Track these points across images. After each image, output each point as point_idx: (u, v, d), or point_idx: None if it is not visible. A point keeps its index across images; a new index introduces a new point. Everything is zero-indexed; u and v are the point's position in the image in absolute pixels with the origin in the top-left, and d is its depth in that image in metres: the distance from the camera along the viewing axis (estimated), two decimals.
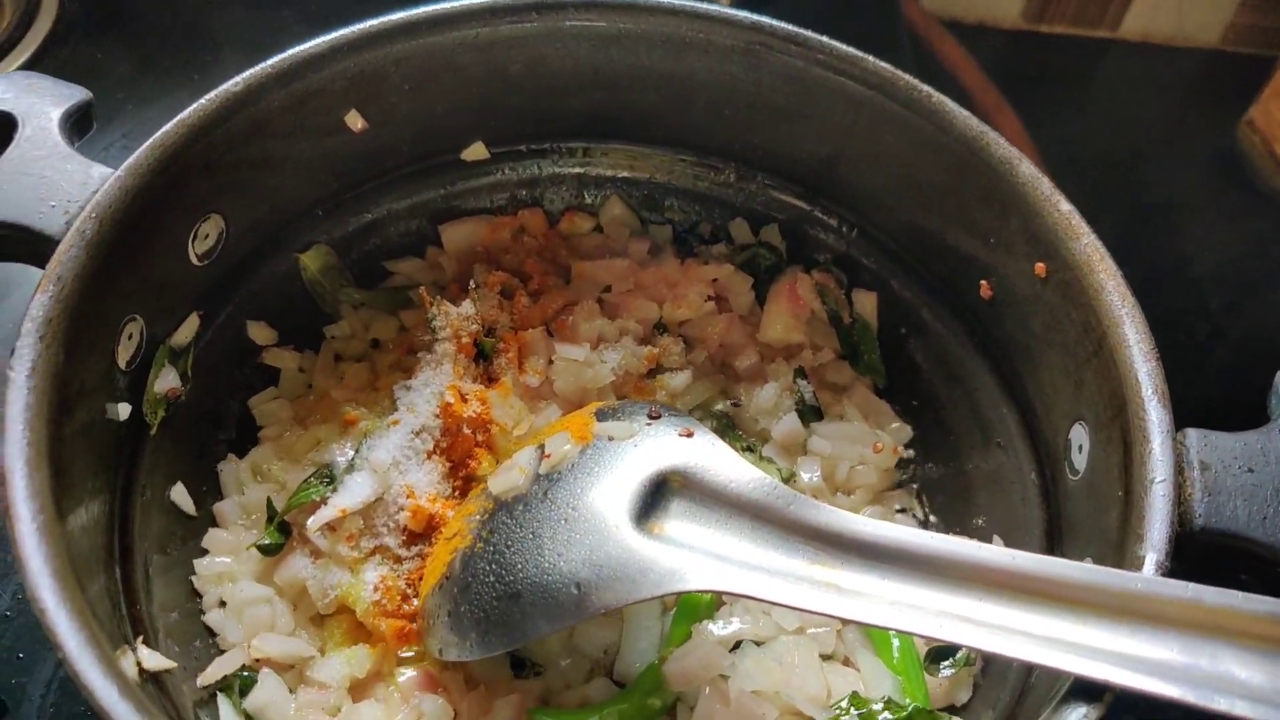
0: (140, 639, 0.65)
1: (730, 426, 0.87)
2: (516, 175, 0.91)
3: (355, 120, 0.80)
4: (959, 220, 0.79)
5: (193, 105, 0.70)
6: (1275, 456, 0.60)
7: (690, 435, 0.66)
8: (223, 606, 0.74)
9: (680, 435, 0.66)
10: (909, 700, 0.69)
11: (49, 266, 0.62)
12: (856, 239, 0.88)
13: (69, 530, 0.59)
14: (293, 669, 0.72)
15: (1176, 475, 0.59)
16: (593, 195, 0.93)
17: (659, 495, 0.64)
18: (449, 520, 0.73)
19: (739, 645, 0.73)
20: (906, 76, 0.77)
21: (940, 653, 0.73)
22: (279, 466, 0.79)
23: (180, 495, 0.75)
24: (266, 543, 0.74)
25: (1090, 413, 0.67)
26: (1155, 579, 0.55)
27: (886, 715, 0.66)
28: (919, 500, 0.86)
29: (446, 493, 0.75)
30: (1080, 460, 0.68)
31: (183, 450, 0.76)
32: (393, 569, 0.73)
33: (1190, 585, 0.53)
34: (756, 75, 0.81)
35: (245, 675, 0.70)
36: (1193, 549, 0.59)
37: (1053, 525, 0.72)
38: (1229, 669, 0.50)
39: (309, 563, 0.73)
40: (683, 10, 0.79)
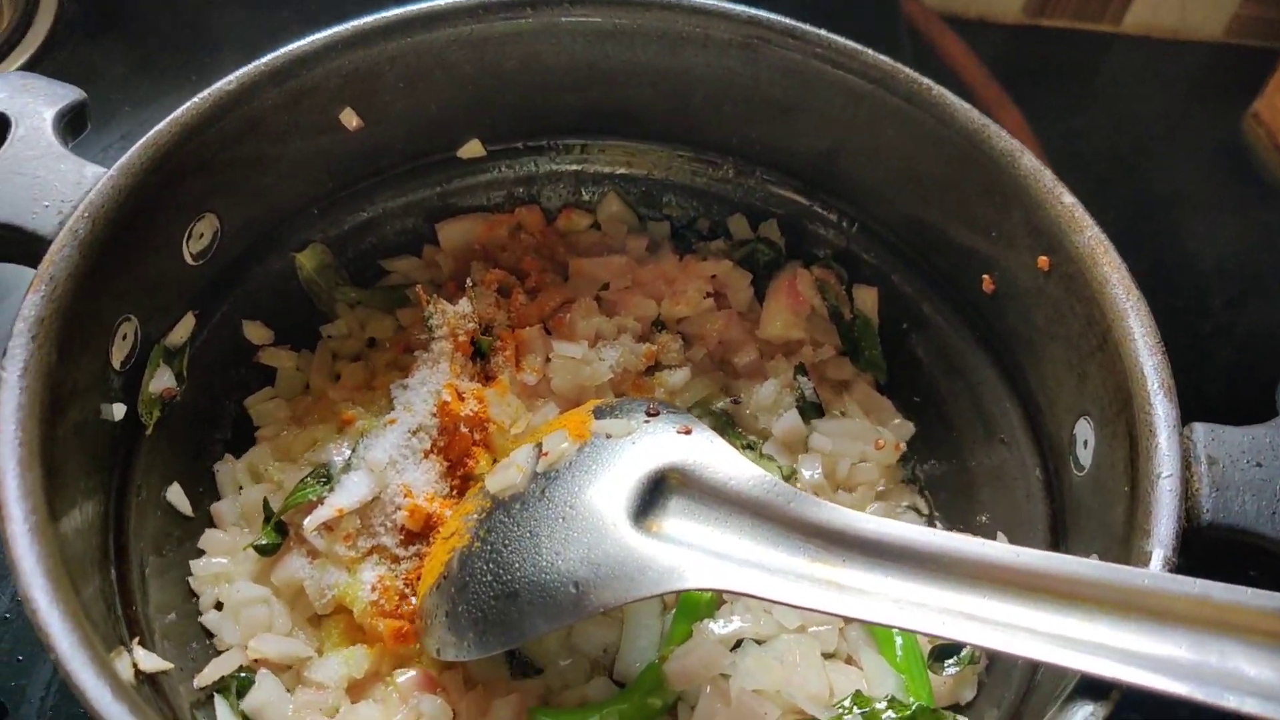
0: (136, 640, 0.65)
1: (730, 424, 0.86)
2: (513, 173, 0.91)
3: (350, 118, 0.79)
4: (960, 214, 0.78)
5: (186, 104, 0.70)
6: None
7: (689, 432, 0.65)
8: (220, 608, 0.73)
9: (678, 432, 0.65)
10: (913, 699, 0.68)
11: (41, 266, 0.62)
12: (857, 234, 0.87)
13: (63, 531, 0.59)
14: (290, 670, 0.71)
15: (1183, 470, 0.58)
16: (590, 192, 0.93)
17: (657, 493, 0.63)
18: (447, 519, 0.72)
19: (740, 644, 0.73)
20: (906, 70, 0.76)
21: (944, 651, 0.72)
22: (276, 466, 0.79)
23: (176, 496, 0.75)
24: (263, 543, 0.74)
25: (1095, 407, 0.66)
26: (1162, 575, 0.54)
27: (890, 714, 0.66)
28: (922, 497, 0.85)
29: (444, 492, 0.75)
30: (1085, 456, 0.67)
31: (178, 450, 0.76)
32: (390, 569, 0.72)
33: (1198, 581, 0.52)
34: (754, 69, 0.80)
35: (243, 676, 0.70)
36: (1200, 545, 0.58)
37: (1057, 521, 0.72)
38: (1238, 666, 0.50)
39: (306, 563, 0.73)
40: (679, 4, 0.78)
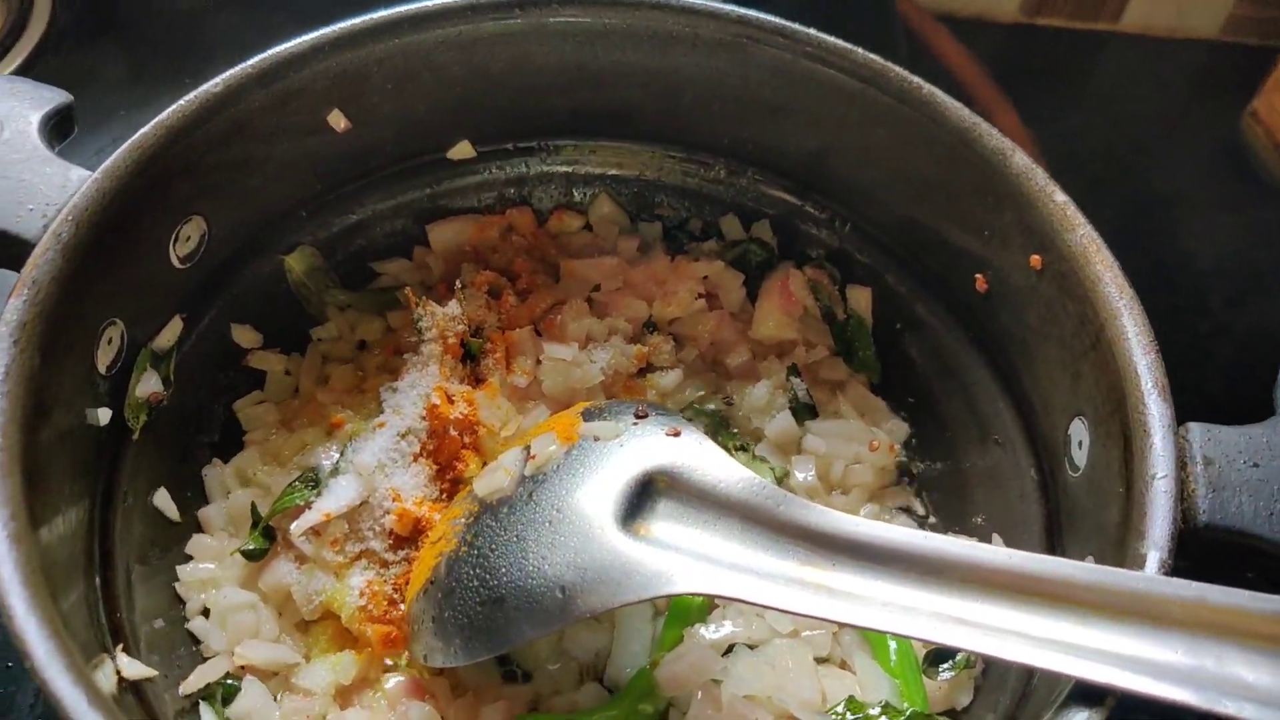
0: (120, 647, 0.64)
1: (723, 425, 0.85)
2: (504, 174, 0.90)
3: (338, 120, 0.79)
4: (953, 213, 0.77)
5: (171, 107, 0.70)
6: None
7: (677, 434, 0.64)
8: (206, 614, 0.73)
9: (667, 435, 0.65)
10: (907, 704, 0.67)
11: (24, 270, 0.61)
12: (849, 234, 0.87)
13: (45, 537, 0.58)
14: (277, 676, 0.71)
15: (1179, 470, 0.57)
16: (581, 193, 0.92)
17: (645, 496, 0.62)
18: (435, 524, 0.71)
19: (732, 649, 0.72)
20: (897, 68, 0.75)
21: (939, 655, 0.71)
22: (264, 470, 0.78)
23: (163, 501, 0.74)
24: (250, 548, 0.73)
25: (1089, 407, 0.65)
26: (1158, 578, 0.53)
27: None
28: (917, 498, 0.84)
29: (433, 496, 0.74)
30: (1080, 456, 0.66)
31: (165, 455, 0.75)
32: (379, 573, 0.71)
33: (1194, 584, 0.52)
34: (744, 69, 0.80)
35: (228, 683, 0.69)
36: (1197, 546, 0.57)
37: (1052, 522, 0.71)
38: (1236, 671, 0.49)
39: (294, 568, 0.72)
40: (668, 4, 0.78)
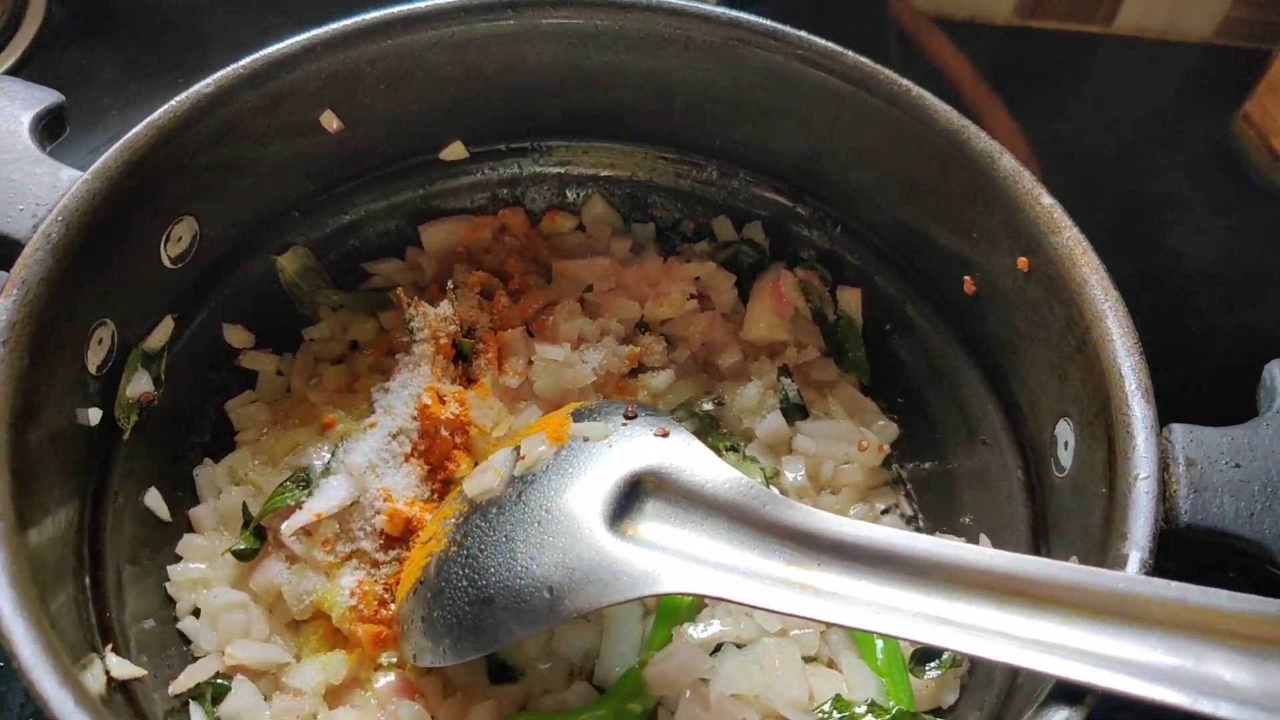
0: (110, 647, 0.64)
1: (714, 426, 0.86)
2: (497, 175, 0.90)
3: (330, 120, 0.79)
4: (942, 215, 0.78)
5: (163, 107, 0.70)
6: (1262, 452, 0.59)
7: (666, 435, 0.65)
8: (197, 614, 0.73)
9: (656, 435, 0.65)
10: (893, 703, 0.68)
11: (13, 270, 0.62)
12: (840, 235, 0.87)
13: (34, 537, 0.58)
14: (268, 676, 0.71)
15: (1161, 471, 0.58)
16: (574, 194, 0.92)
17: (634, 496, 0.63)
18: (426, 524, 0.72)
19: (720, 648, 0.72)
20: (887, 71, 0.76)
21: (926, 654, 0.72)
22: (256, 470, 0.78)
23: (154, 501, 0.75)
24: (241, 548, 0.74)
25: (1075, 409, 0.66)
26: (1139, 578, 0.54)
27: (870, 718, 0.65)
28: (906, 498, 0.85)
29: (424, 496, 0.74)
30: (1066, 457, 0.66)
31: (156, 455, 0.76)
32: (370, 574, 0.72)
33: (1174, 584, 0.52)
34: (736, 71, 0.80)
35: (218, 683, 0.69)
36: (1179, 546, 0.58)
37: (1039, 523, 0.71)
38: (1215, 670, 0.49)
39: (284, 568, 0.73)
40: (659, 6, 0.78)
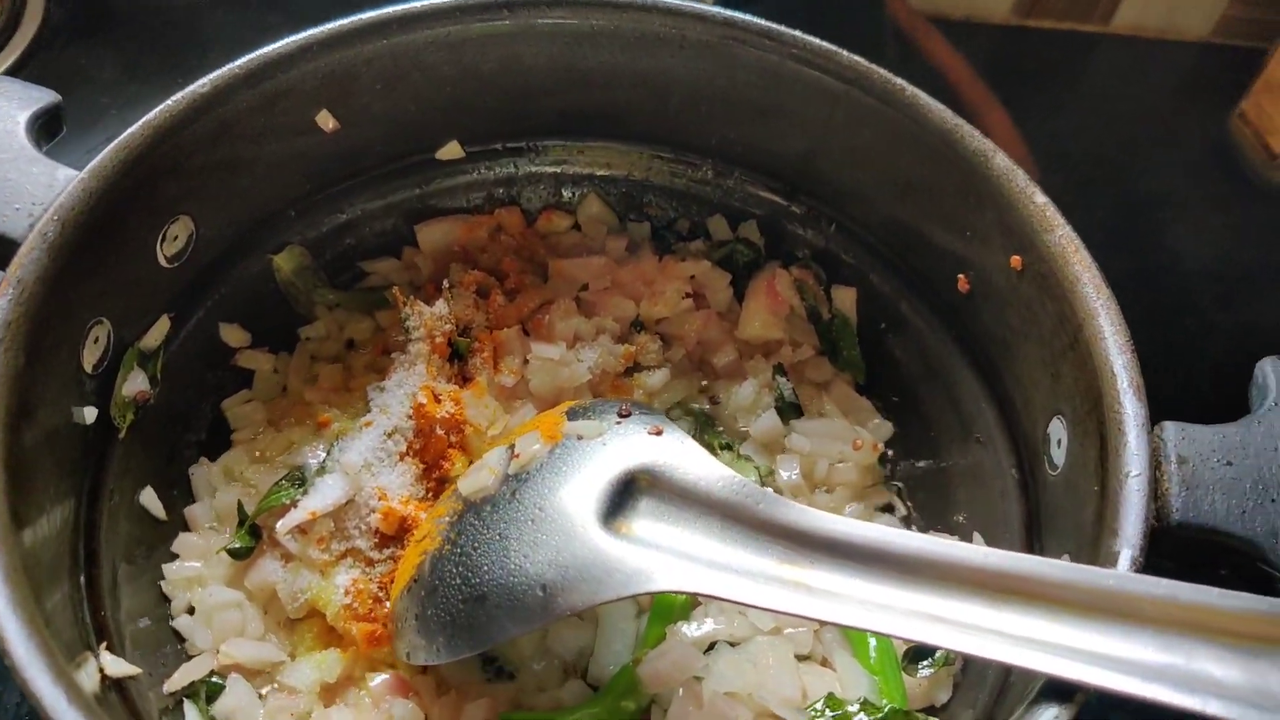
0: (104, 645, 0.64)
1: (709, 424, 0.86)
2: (493, 174, 0.90)
3: (326, 120, 0.79)
4: (936, 214, 0.78)
5: (158, 107, 0.70)
6: (1254, 449, 0.59)
7: (660, 433, 0.65)
8: (192, 612, 0.73)
9: (649, 433, 0.65)
10: (886, 701, 0.68)
11: (9, 269, 0.62)
12: (835, 234, 0.87)
13: (28, 536, 0.59)
14: (262, 674, 0.71)
15: (1153, 469, 0.58)
16: (570, 193, 0.92)
17: (627, 494, 0.63)
18: (420, 522, 0.72)
19: (714, 646, 0.72)
20: (881, 70, 0.76)
21: (919, 653, 0.72)
22: (251, 469, 0.79)
23: (150, 499, 0.75)
24: (236, 546, 0.74)
25: (1068, 406, 0.66)
26: (1129, 575, 0.54)
27: (862, 716, 0.66)
28: (900, 497, 0.85)
29: (420, 495, 0.74)
30: (1059, 454, 0.66)
31: (152, 454, 0.76)
32: (365, 572, 0.72)
33: (1165, 581, 0.52)
34: (731, 71, 0.80)
35: (213, 681, 0.70)
36: (1170, 544, 0.58)
37: (1032, 520, 0.71)
38: (1205, 667, 0.49)
39: (279, 566, 0.73)
40: (655, 6, 0.78)
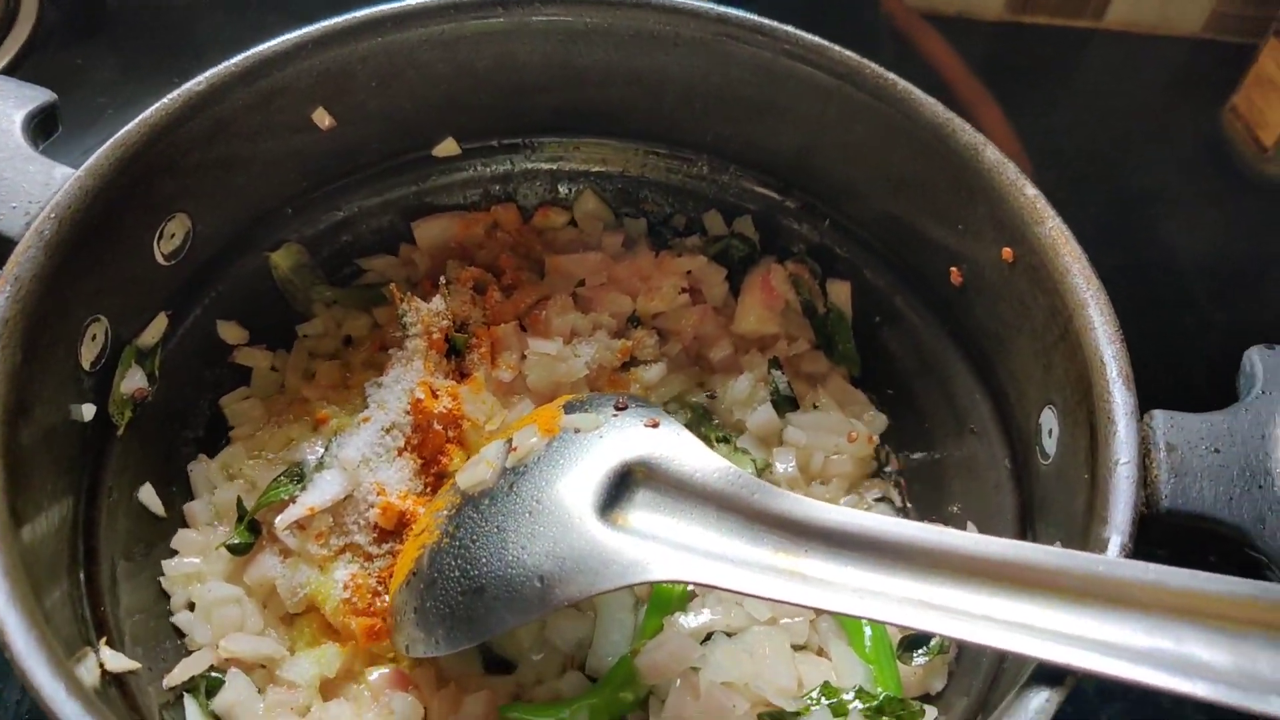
0: (104, 640, 0.65)
1: (706, 418, 0.87)
2: (489, 171, 0.91)
3: (322, 118, 0.80)
4: (929, 208, 0.78)
5: (154, 105, 0.70)
6: (1241, 437, 0.60)
7: (656, 425, 0.65)
8: (192, 608, 0.73)
9: (646, 426, 0.66)
10: (881, 689, 0.68)
11: (6, 267, 0.62)
12: (829, 229, 0.88)
13: (27, 533, 0.59)
14: (262, 669, 0.71)
15: (1142, 457, 0.59)
16: (566, 189, 0.93)
17: (624, 486, 0.63)
18: (419, 517, 0.72)
19: (710, 636, 0.73)
20: (873, 65, 0.76)
21: (914, 641, 0.72)
22: (250, 465, 0.79)
23: (148, 496, 0.75)
24: (235, 542, 0.74)
25: (1059, 396, 0.66)
26: (1119, 561, 0.55)
27: (857, 704, 0.66)
28: (895, 488, 0.86)
29: (418, 490, 0.75)
30: (1050, 444, 0.67)
31: (151, 451, 0.76)
32: (363, 567, 0.72)
33: (1154, 566, 0.53)
34: (725, 67, 0.81)
35: (212, 676, 0.70)
36: (1159, 531, 0.59)
37: (1025, 510, 0.72)
38: (1193, 651, 0.50)
39: (278, 562, 0.73)
40: (648, 3, 0.79)
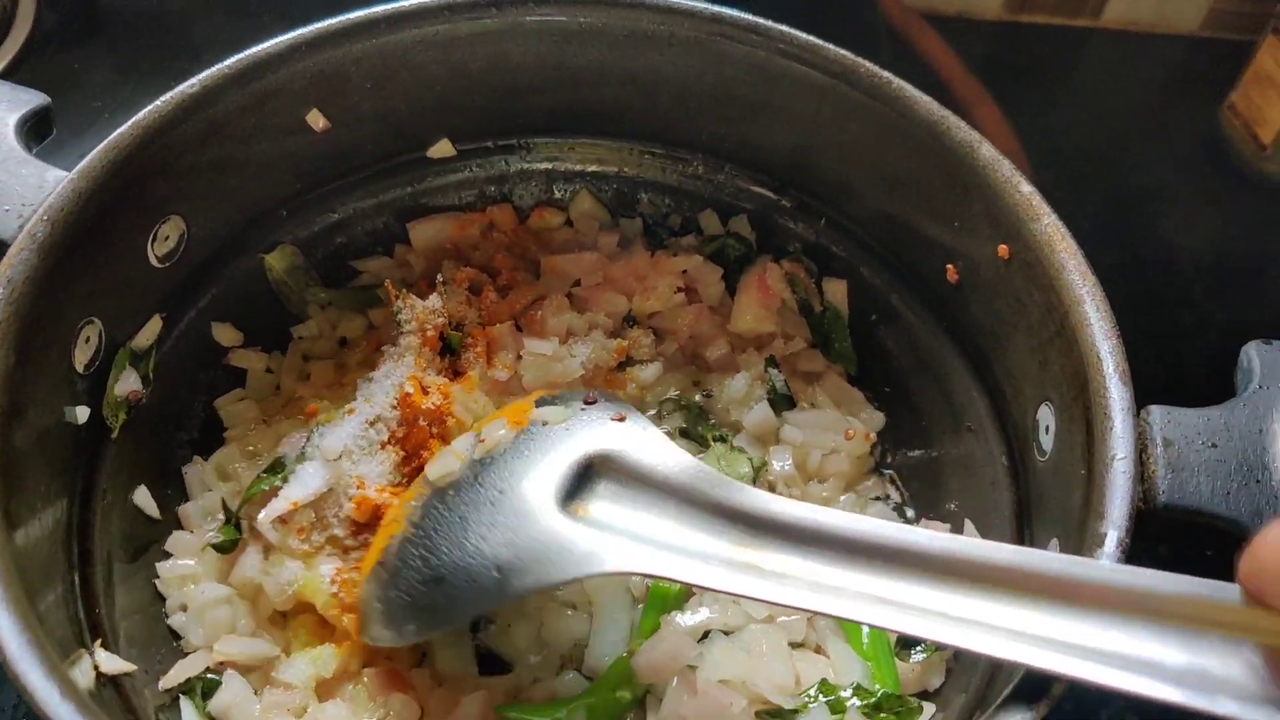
0: (99, 643, 0.65)
1: (702, 417, 0.86)
2: (485, 172, 0.91)
3: (317, 119, 0.80)
4: (925, 205, 0.78)
5: (147, 107, 0.70)
6: (1238, 431, 0.60)
7: (622, 420, 0.66)
8: (186, 610, 0.73)
9: (612, 420, 0.66)
10: (879, 686, 0.68)
11: None
12: (825, 228, 0.87)
13: (21, 535, 0.59)
14: (258, 670, 0.71)
15: (1139, 452, 0.58)
16: (562, 190, 0.93)
17: (586, 479, 0.63)
18: (391, 508, 0.72)
19: (708, 635, 0.73)
20: (867, 64, 0.76)
21: (912, 639, 0.72)
22: (244, 466, 0.79)
23: (143, 498, 0.75)
24: (220, 540, 0.74)
25: (1055, 393, 0.66)
26: (1070, 558, 0.53)
27: (855, 701, 0.66)
28: (893, 486, 0.85)
29: (397, 483, 0.74)
30: (1047, 441, 0.67)
31: (145, 453, 0.76)
32: (344, 560, 0.71)
33: (1104, 564, 0.52)
34: (720, 67, 0.80)
35: (209, 677, 0.70)
36: (1157, 526, 0.58)
37: (1022, 507, 0.72)
38: (1147, 649, 0.48)
39: (261, 559, 0.72)
40: (642, 3, 0.79)
